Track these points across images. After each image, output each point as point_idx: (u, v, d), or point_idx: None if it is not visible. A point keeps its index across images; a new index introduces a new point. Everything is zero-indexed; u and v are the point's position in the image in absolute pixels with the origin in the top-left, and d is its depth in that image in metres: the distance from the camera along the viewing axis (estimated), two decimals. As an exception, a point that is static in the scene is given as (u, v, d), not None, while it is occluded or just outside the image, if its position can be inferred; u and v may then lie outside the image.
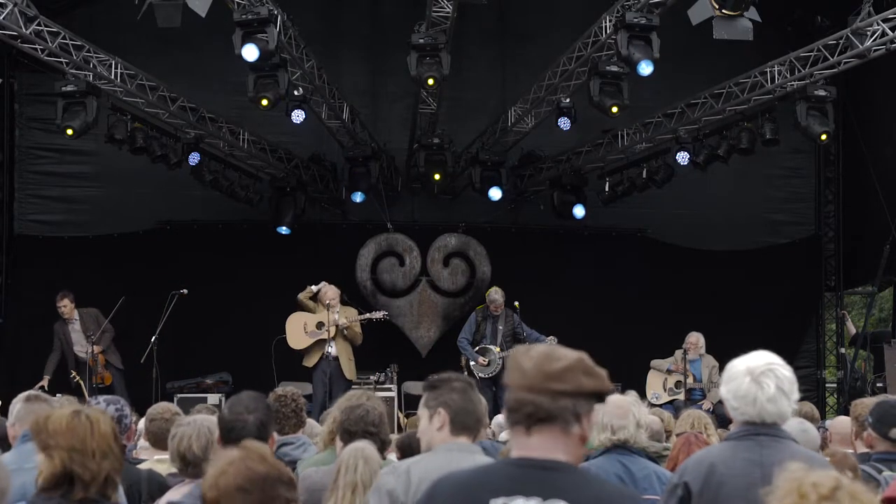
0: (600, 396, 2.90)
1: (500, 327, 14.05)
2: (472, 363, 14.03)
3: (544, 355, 2.88)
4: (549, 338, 13.32)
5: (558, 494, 2.80)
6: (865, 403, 6.10)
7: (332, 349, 13.49)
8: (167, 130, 14.63)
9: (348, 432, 5.13)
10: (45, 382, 13.52)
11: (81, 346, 13.85)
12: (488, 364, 13.95)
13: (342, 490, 4.70)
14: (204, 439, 4.83)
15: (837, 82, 13.70)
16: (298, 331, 13.70)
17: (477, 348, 14.10)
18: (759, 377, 3.95)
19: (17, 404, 5.26)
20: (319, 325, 13.55)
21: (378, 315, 13.74)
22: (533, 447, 2.87)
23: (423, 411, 4.38)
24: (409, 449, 6.15)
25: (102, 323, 13.86)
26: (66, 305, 13.95)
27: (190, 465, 4.78)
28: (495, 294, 14.17)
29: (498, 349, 13.93)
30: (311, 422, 7.46)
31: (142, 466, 5.59)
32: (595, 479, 3.04)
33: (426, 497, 2.98)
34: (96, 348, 13.74)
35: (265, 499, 3.11)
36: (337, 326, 13.40)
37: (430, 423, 4.32)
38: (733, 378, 3.99)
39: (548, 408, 2.84)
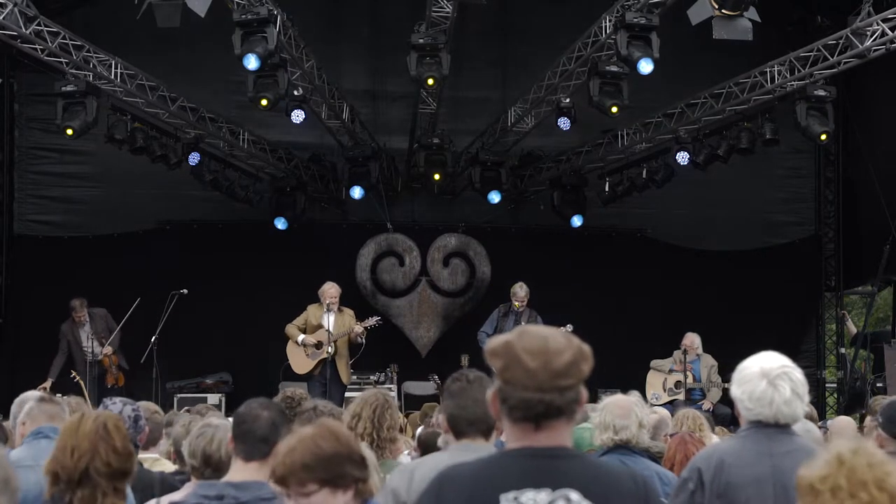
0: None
1: (523, 323, 13.97)
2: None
3: (546, 351, 2.84)
4: (567, 325, 13.45)
5: (567, 483, 2.81)
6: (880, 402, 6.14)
7: (331, 350, 13.50)
8: (167, 130, 14.63)
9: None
10: (47, 384, 13.48)
11: (91, 348, 13.86)
12: None
13: None
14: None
15: (837, 82, 13.69)
16: (301, 356, 13.70)
17: None
18: (775, 380, 3.98)
19: (28, 403, 5.22)
20: (318, 344, 13.57)
21: (372, 322, 13.69)
22: (540, 440, 2.87)
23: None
24: (427, 445, 6.17)
25: (111, 323, 13.91)
26: (79, 314, 14.01)
27: (210, 468, 4.65)
28: (518, 288, 14.07)
29: None
30: None
31: None
32: (602, 465, 3.07)
33: (434, 491, 2.93)
34: (108, 349, 13.76)
35: (331, 477, 3.12)
36: (335, 343, 13.42)
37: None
38: (748, 380, 4.01)
39: (558, 404, 2.85)
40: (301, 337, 13.59)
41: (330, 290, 13.57)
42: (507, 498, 2.80)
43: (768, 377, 3.98)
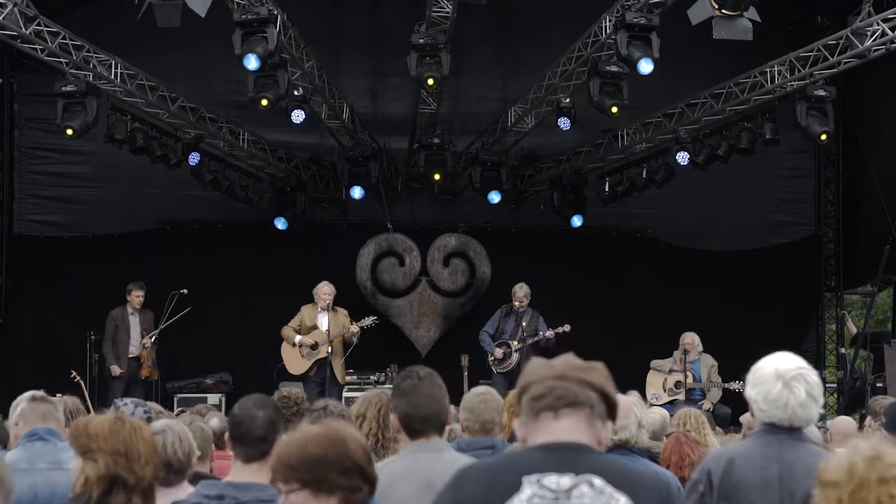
0: (612, 412, 3.00)
1: (524, 324, 13.99)
2: (489, 358, 14.06)
3: (567, 358, 3.00)
4: (564, 326, 13.54)
5: (590, 471, 2.87)
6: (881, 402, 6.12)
7: (329, 351, 13.51)
8: (167, 130, 14.63)
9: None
10: (116, 371, 13.47)
11: (135, 340, 13.86)
12: (503, 357, 13.93)
13: None
14: (187, 445, 4.70)
15: (837, 82, 13.69)
16: (296, 357, 13.72)
17: (497, 343, 14.10)
18: (791, 382, 3.96)
19: (20, 404, 5.21)
20: (314, 345, 13.58)
21: (368, 322, 13.71)
22: (560, 432, 2.92)
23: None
24: None
25: (152, 326, 13.89)
26: (139, 296, 14.02)
27: (173, 473, 4.61)
28: (517, 289, 14.09)
29: (517, 343, 13.90)
30: None
31: None
32: (623, 461, 3.17)
33: (452, 485, 2.99)
34: (147, 342, 13.76)
35: (312, 480, 3.08)
36: (331, 343, 13.44)
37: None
38: (763, 381, 3.99)
39: (577, 392, 2.93)
40: (297, 338, 13.62)
41: (324, 287, 13.61)
42: (529, 480, 2.85)
43: (783, 379, 3.96)
